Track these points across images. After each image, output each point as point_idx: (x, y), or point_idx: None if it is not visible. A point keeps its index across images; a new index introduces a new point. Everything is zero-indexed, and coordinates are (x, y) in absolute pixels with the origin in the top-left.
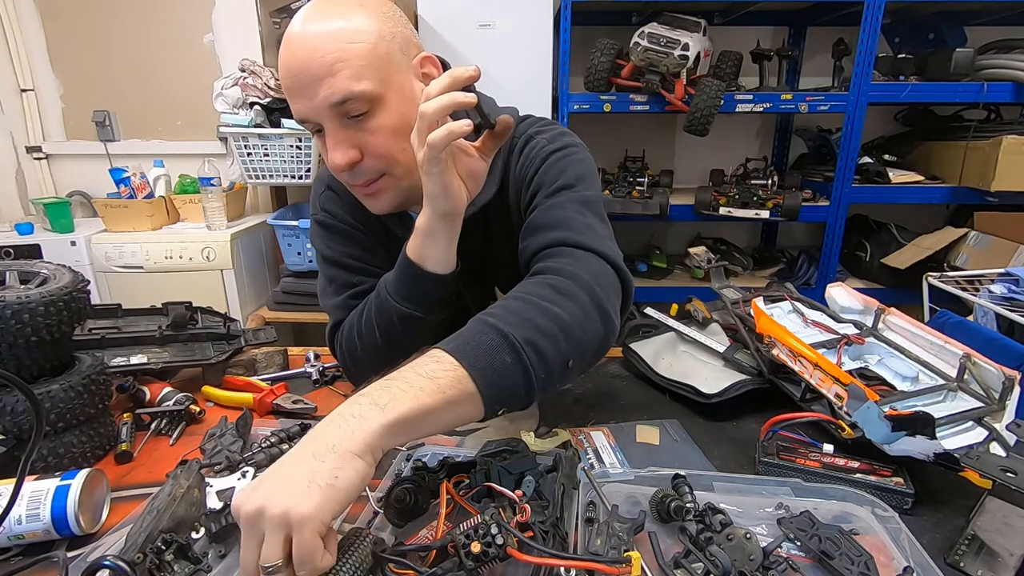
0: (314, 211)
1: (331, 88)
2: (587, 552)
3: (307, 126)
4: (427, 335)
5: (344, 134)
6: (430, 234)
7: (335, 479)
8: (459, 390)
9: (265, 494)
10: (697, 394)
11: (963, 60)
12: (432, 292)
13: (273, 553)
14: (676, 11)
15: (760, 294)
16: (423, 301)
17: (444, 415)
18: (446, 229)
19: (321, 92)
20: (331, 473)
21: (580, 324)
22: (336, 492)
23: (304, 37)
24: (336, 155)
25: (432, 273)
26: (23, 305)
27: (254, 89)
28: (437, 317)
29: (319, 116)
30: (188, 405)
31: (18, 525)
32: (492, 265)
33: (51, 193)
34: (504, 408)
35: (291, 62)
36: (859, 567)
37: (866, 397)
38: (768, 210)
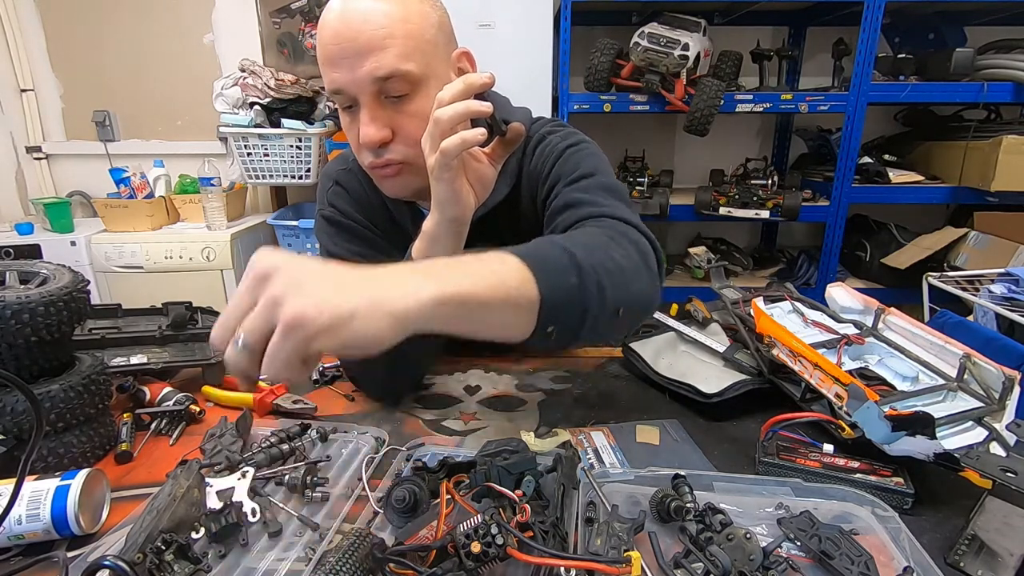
0: (321, 206)
1: (378, 62)
2: (587, 552)
3: (338, 99)
4: (421, 348)
5: (380, 112)
6: (435, 239)
7: (354, 321)
8: (520, 293)
9: (287, 270)
10: (697, 394)
11: (963, 60)
12: None
13: (254, 327)
14: (676, 11)
15: (760, 294)
16: None
17: (496, 314)
18: (452, 235)
19: (367, 65)
20: (355, 313)
21: (636, 274)
22: (347, 332)
23: (357, 6)
24: (371, 129)
25: None
26: (23, 305)
27: (254, 89)
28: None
29: (358, 89)
30: (188, 405)
31: (18, 525)
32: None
33: (51, 193)
34: (553, 330)
35: (340, 29)
36: (859, 567)
37: (866, 397)
38: (768, 210)
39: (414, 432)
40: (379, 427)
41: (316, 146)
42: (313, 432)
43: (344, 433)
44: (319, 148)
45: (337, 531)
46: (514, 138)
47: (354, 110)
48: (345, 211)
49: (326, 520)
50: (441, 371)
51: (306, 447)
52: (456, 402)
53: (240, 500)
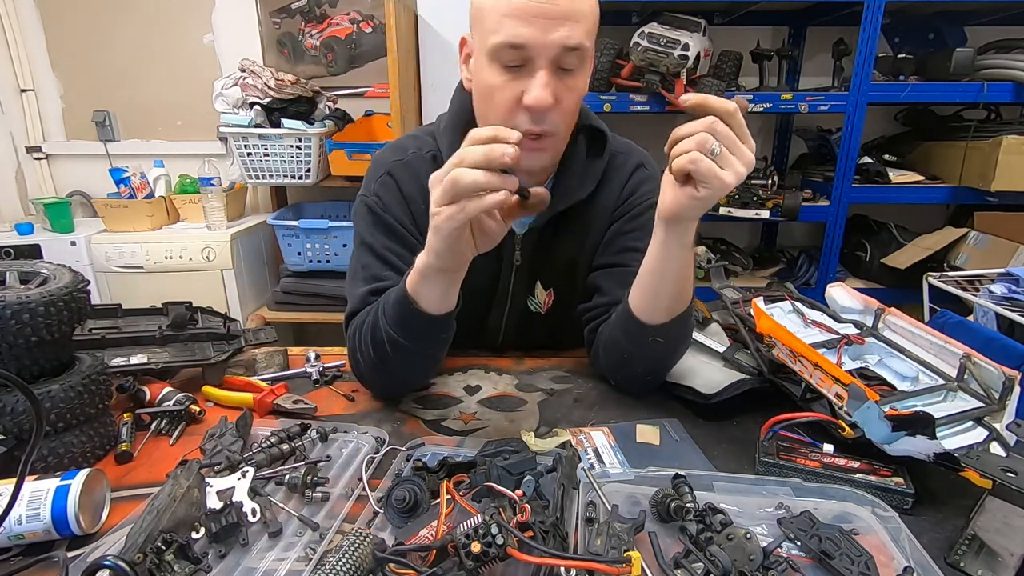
0: (365, 192)
1: (571, 31)
2: (587, 552)
3: (509, 55)
4: (418, 364)
5: (552, 79)
6: (425, 278)
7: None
8: (679, 304)
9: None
10: (696, 395)
11: (963, 60)
12: (423, 328)
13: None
14: (676, 11)
15: (760, 294)
16: (413, 334)
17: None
18: (445, 279)
19: (561, 31)
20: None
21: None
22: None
23: None
24: (545, 93)
25: (424, 312)
26: (23, 305)
27: (254, 89)
28: (425, 351)
29: (543, 51)
30: (188, 405)
31: (18, 525)
32: (546, 263)
33: (51, 193)
34: (653, 340)
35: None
36: (859, 567)
37: (866, 397)
38: (768, 210)
39: (414, 432)
40: (379, 427)
41: (316, 146)
42: (313, 432)
43: (344, 433)
44: (319, 148)
45: (337, 531)
46: (536, 204)
47: (518, 70)
48: (388, 205)
49: (326, 520)
50: (441, 371)
51: (306, 447)
52: (456, 402)
53: (240, 500)
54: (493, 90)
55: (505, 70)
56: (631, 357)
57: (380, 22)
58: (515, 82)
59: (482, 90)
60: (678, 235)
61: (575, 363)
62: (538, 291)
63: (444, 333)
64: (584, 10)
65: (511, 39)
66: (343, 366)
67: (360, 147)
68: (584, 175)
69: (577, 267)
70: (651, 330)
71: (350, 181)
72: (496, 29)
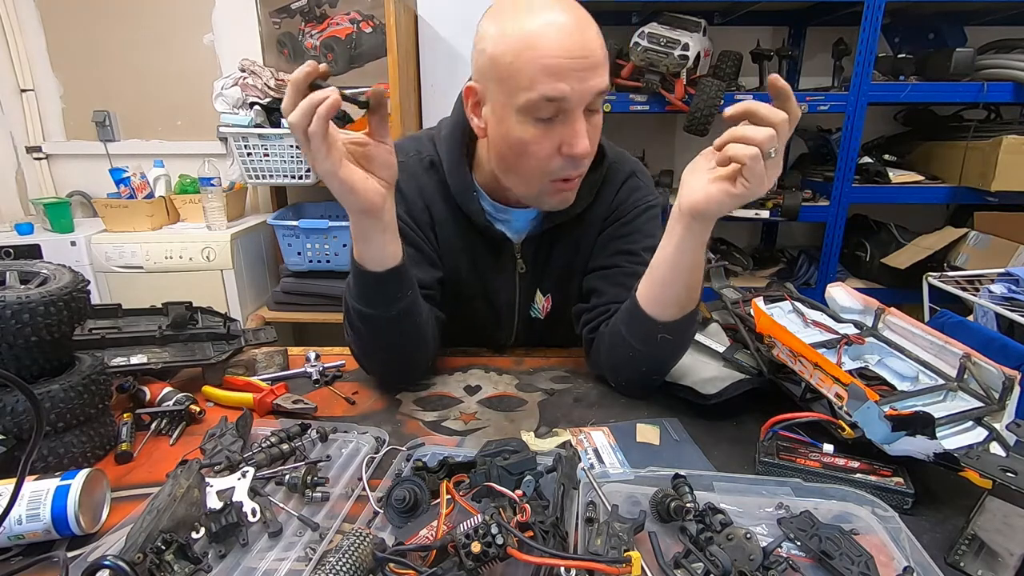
0: None
1: (602, 78)
2: (587, 552)
3: (545, 109)
4: (388, 334)
5: (585, 126)
6: (359, 234)
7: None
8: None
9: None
10: (696, 395)
11: (963, 60)
12: (376, 290)
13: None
14: (676, 11)
15: (760, 294)
16: (370, 298)
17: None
18: (372, 226)
19: (595, 79)
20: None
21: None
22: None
23: (582, 26)
24: (586, 142)
25: (371, 271)
26: (23, 305)
27: (254, 89)
28: (387, 314)
29: (580, 101)
30: (188, 405)
31: (18, 525)
32: (546, 270)
33: (51, 193)
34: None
35: (573, 44)
36: (859, 567)
37: (866, 397)
38: (768, 210)
39: (414, 432)
40: (379, 427)
41: None
42: (313, 432)
43: (344, 433)
44: None
45: (337, 531)
46: (378, 103)
47: (552, 122)
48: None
49: (326, 520)
50: (441, 371)
51: (306, 447)
52: (456, 402)
53: (240, 500)
54: (528, 144)
55: (539, 123)
56: (636, 355)
57: (380, 22)
58: (551, 132)
59: (513, 143)
60: (699, 231)
61: (575, 363)
62: (537, 297)
63: (398, 292)
64: (604, 52)
65: (550, 93)
66: (343, 366)
67: None
68: (584, 186)
69: (572, 274)
70: (661, 327)
71: None
72: (531, 85)
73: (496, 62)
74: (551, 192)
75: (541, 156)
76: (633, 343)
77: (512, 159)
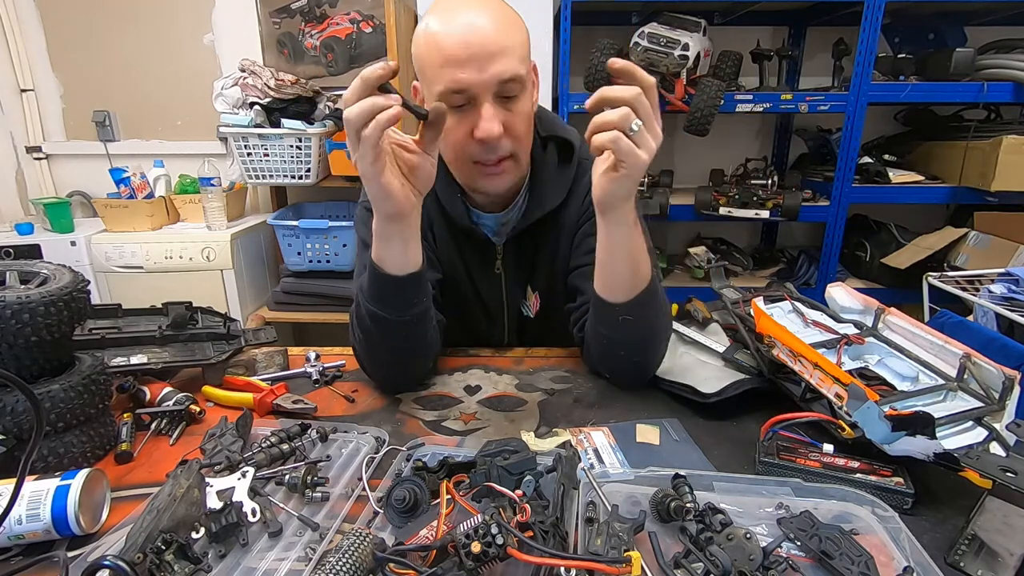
0: (364, 199)
1: (504, 66)
2: (587, 552)
3: (455, 98)
4: (399, 337)
5: (497, 111)
6: (383, 237)
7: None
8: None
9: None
10: (696, 394)
11: (963, 60)
12: (394, 293)
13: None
14: (676, 11)
15: (760, 294)
16: (385, 301)
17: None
18: (397, 231)
19: (494, 67)
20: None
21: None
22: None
23: (481, 15)
24: (494, 125)
25: (390, 275)
26: (23, 305)
27: (254, 89)
28: (400, 318)
29: (483, 88)
30: (188, 405)
31: (18, 525)
32: (533, 268)
33: (51, 193)
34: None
35: (468, 33)
36: (859, 567)
37: (866, 397)
38: (768, 210)
39: (414, 432)
40: (379, 427)
41: (316, 146)
42: (313, 432)
43: (344, 433)
44: (319, 148)
45: (337, 531)
46: (437, 119)
47: (465, 109)
48: None
49: (326, 520)
50: (441, 371)
51: (306, 447)
52: (456, 402)
53: (240, 500)
54: (447, 132)
55: (454, 111)
56: (609, 342)
57: (380, 22)
58: (465, 120)
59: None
60: (615, 220)
61: (575, 363)
62: (528, 295)
63: (414, 297)
64: (513, 42)
65: (452, 85)
66: (343, 366)
67: None
68: (555, 183)
69: (556, 271)
70: (618, 309)
71: (350, 181)
72: (437, 79)
73: (417, 61)
74: (481, 176)
75: (458, 142)
76: (601, 330)
77: (444, 149)
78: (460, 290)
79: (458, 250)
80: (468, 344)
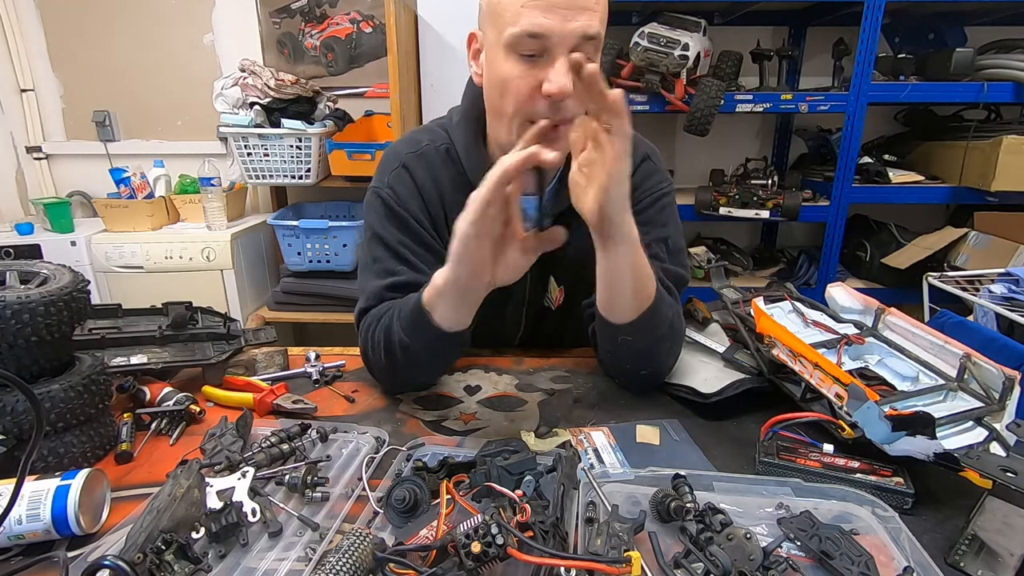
0: (378, 184)
1: (590, 21)
2: (587, 552)
3: (528, 44)
4: (425, 369)
5: (566, 66)
6: (442, 294)
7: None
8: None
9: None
10: (696, 395)
11: (963, 60)
12: (434, 340)
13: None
14: (676, 11)
15: (760, 294)
16: (424, 344)
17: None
18: (458, 298)
19: (580, 20)
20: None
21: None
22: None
23: None
24: (563, 80)
25: (437, 326)
26: (23, 305)
27: (254, 89)
28: (435, 358)
29: (562, 40)
30: (188, 405)
31: (18, 525)
32: (558, 259)
33: (51, 193)
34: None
35: None
36: (859, 567)
37: (866, 397)
38: (768, 210)
39: (414, 432)
40: (379, 427)
41: (316, 146)
42: (313, 432)
43: (344, 433)
44: (319, 148)
45: (337, 531)
46: (550, 239)
47: (536, 60)
48: (402, 198)
49: (326, 520)
50: None
51: (306, 447)
52: (456, 402)
53: (240, 500)
54: (509, 81)
55: (522, 60)
56: (613, 355)
57: (380, 22)
58: (533, 71)
59: (497, 82)
60: (620, 235)
61: (575, 363)
62: (551, 287)
63: (456, 347)
64: (602, 2)
65: (531, 28)
66: (343, 366)
67: (360, 147)
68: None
69: (586, 262)
70: (620, 329)
71: (350, 181)
72: (515, 20)
73: (489, 1)
74: (539, 140)
75: (521, 94)
76: (604, 344)
77: (497, 100)
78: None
79: None
80: (480, 336)
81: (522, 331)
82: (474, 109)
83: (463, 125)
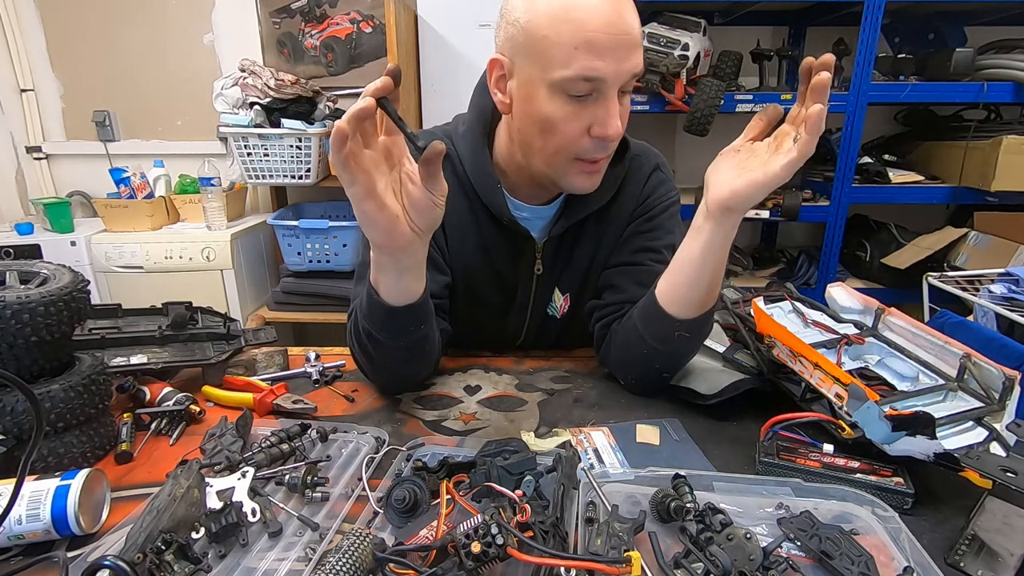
0: None
1: (638, 59)
2: (587, 552)
3: (580, 86)
4: (399, 359)
5: (617, 107)
6: (377, 265)
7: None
8: (707, 302)
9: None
10: (696, 396)
11: (963, 60)
12: (387, 320)
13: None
14: (676, 11)
15: (760, 294)
16: (381, 326)
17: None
18: (388, 263)
19: (632, 59)
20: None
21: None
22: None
23: (622, 5)
24: (618, 124)
25: (385, 302)
26: (23, 305)
27: (254, 89)
28: (397, 343)
29: (616, 80)
30: (188, 405)
31: (18, 525)
32: (565, 269)
33: (51, 193)
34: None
35: (615, 20)
36: (859, 567)
37: (866, 397)
38: (768, 210)
39: (414, 432)
40: (379, 427)
41: (316, 146)
42: (313, 432)
43: (344, 433)
44: (319, 148)
45: (337, 531)
46: (433, 156)
47: (584, 100)
48: None
49: (326, 520)
50: (441, 371)
51: (306, 447)
52: (456, 402)
53: (240, 500)
54: (558, 122)
55: (571, 100)
56: (651, 353)
57: (380, 22)
58: (583, 111)
59: (539, 119)
60: (728, 227)
61: (575, 363)
62: (556, 296)
63: (410, 326)
64: (640, 31)
65: (587, 72)
66: (343, 366)
67: None
68: (605, 180)
69: (592, 271)
70: (679, 324)
71: None
72: (567, 62)
73: (530, 34)
74: (575, 173)
75: (569, 135)
76: (649, 340)
77: (537, 136)
78: (477, 288)
79: (486, 246)
80: (476, 341)
81: (523, 340)
82: (480, 123)
83: (469, 136)
